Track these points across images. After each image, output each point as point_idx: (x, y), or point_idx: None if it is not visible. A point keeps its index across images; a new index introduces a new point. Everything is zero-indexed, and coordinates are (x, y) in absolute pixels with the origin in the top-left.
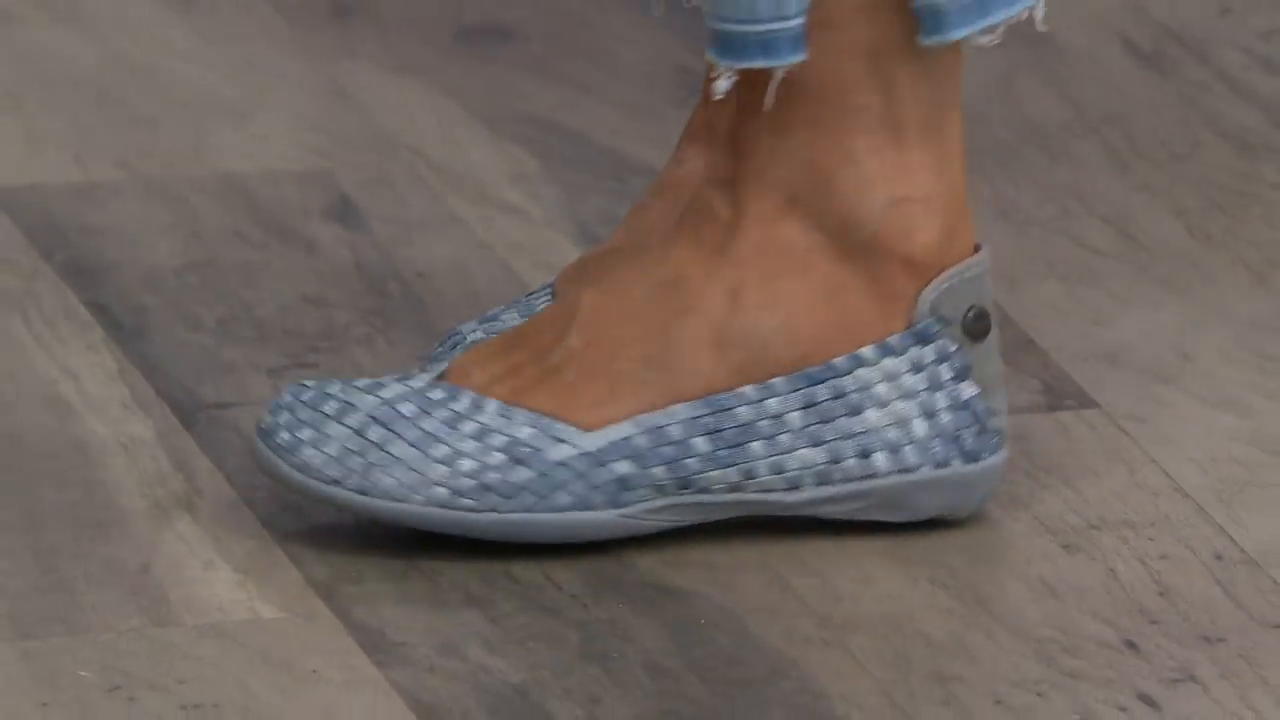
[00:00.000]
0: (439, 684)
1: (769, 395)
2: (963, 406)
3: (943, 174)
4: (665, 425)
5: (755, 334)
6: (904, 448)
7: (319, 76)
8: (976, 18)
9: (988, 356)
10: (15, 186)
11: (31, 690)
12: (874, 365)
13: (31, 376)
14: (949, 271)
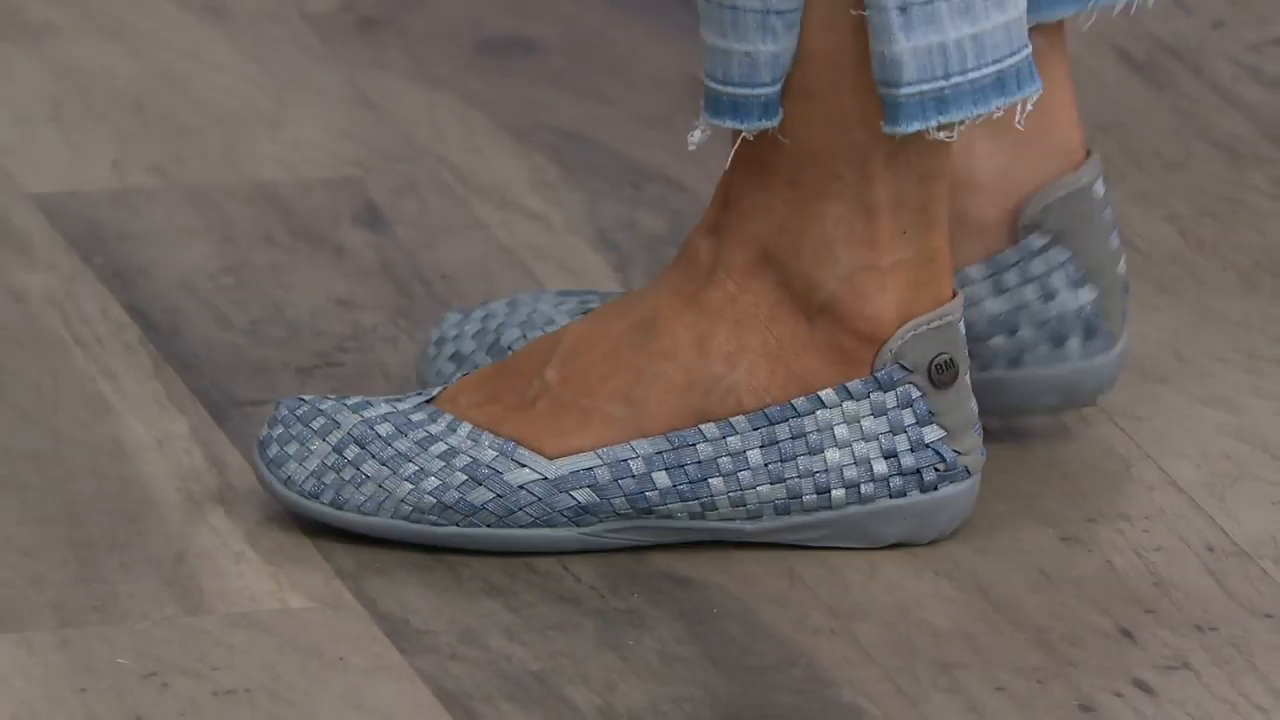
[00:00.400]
0: (461, 671)
1: (730, 433)
2: (925, 448)
3: (913, 243)
4: (627, 459)
5: (720, 381)
6: (864, 484)
7: (347, 87)
8: (933, 114)
9: (957, 401)
10: (56, 193)
11: (70, 676)
12: (833, 408)
13: (71, 375)
14: (914, 321)
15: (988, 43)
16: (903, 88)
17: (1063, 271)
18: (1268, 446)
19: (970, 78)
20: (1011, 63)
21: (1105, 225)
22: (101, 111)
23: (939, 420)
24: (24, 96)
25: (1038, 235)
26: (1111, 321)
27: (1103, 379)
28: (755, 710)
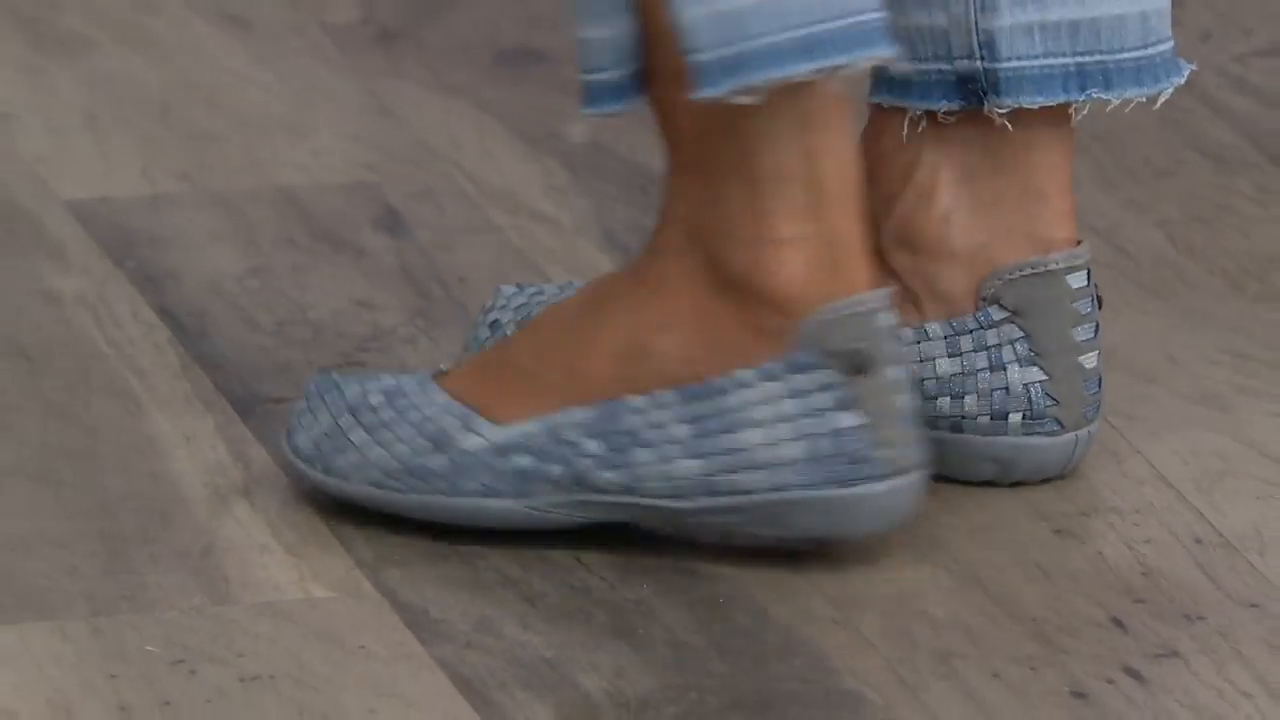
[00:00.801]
0: (477, 658)
1: (655, 406)
2: (839, 435)
3: (813, 219)
4: (562, 425)
5: (649, 351)
6: (778, 467)
7: (367, 96)
8: (731, 78)
9: (882, 390)
10: (88, 199)
11: (101, 664)
12: (753, 388)
13: (103, 374)
14: (830, 305)
15: (785, 8)
16: (699, 54)
17: (1012, 348)
18: (1254, 444)
19: (767, 42)
20: (824, 29)
21: (1071, 314)
22: (131, 121)
23: (857, 409)
24: (58, 107)
25: (997, 309)
26: (1065, 409)
27: (1042, 461)
28: (759, 697)
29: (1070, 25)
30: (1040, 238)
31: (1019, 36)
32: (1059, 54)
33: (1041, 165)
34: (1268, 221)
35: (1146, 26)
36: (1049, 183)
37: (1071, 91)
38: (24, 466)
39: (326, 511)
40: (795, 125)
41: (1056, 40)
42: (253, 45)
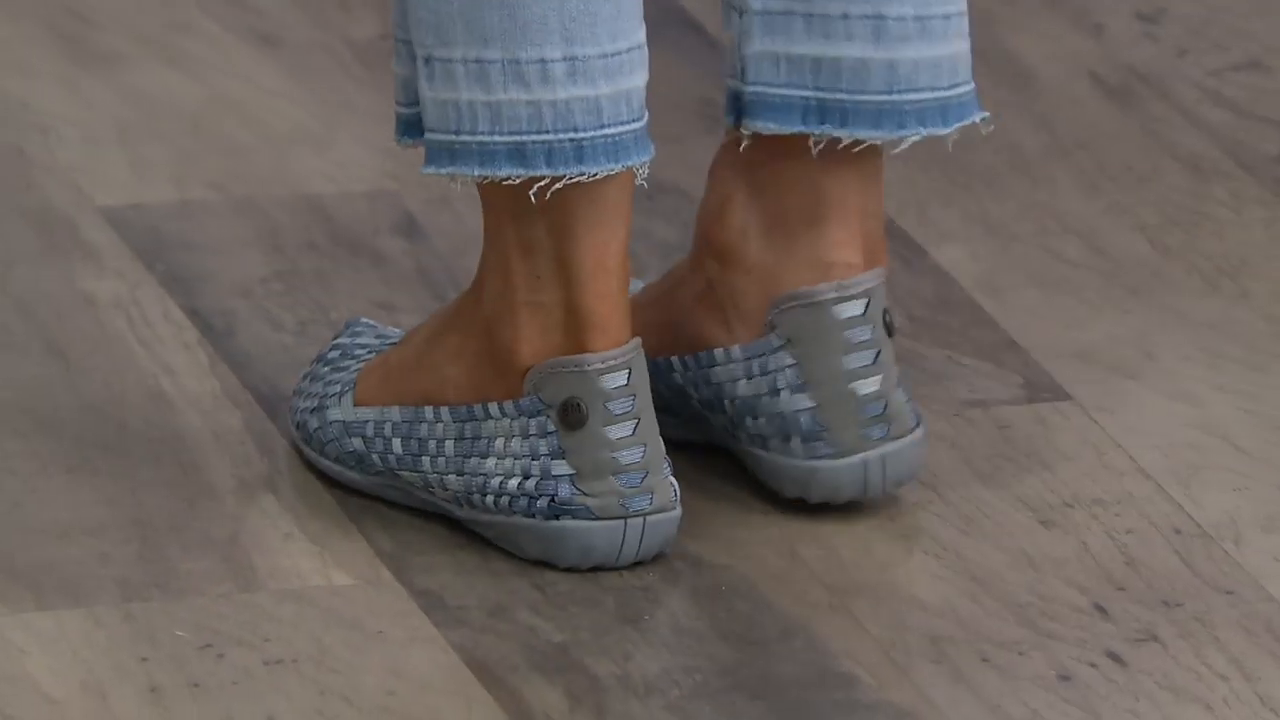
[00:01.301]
0: (491, 643)
1: (438, 420)
2: (549, 479)
3: (549, 290)
4: (384, 421)
5: (440, 372)
6: (504, 496)
7: (387, 108)
8: (446, 164)
9: (587, 445)
10: (122, 206)
11: (133, 647)
12: (497, 421)
13: (135, 372)
14: (551, 361)
15: (505, 113)
16: (427, 132)
17: (784, 375)
18: (1229, 437)
19: (479, 139)
20: (540, 140)
21: (841, 343)
22: (164, 132)
23: (567, 459)
24: (94, 119)
25: (775, 335)
26: (835, 434)
27: (835, 484)
28: (759, 679)
29: (814, 61)
30: (821, 262)
31: (765, 64)
32: (800, 86)
33: (818, 193)
34: (1241, 226)
35: (894, 74)
36: (831, 209)
37: (810, 123)
38: (60, 459)
39: (348, 502)
40: (543, 207)
41: (800, 73)
42: (280, 61)
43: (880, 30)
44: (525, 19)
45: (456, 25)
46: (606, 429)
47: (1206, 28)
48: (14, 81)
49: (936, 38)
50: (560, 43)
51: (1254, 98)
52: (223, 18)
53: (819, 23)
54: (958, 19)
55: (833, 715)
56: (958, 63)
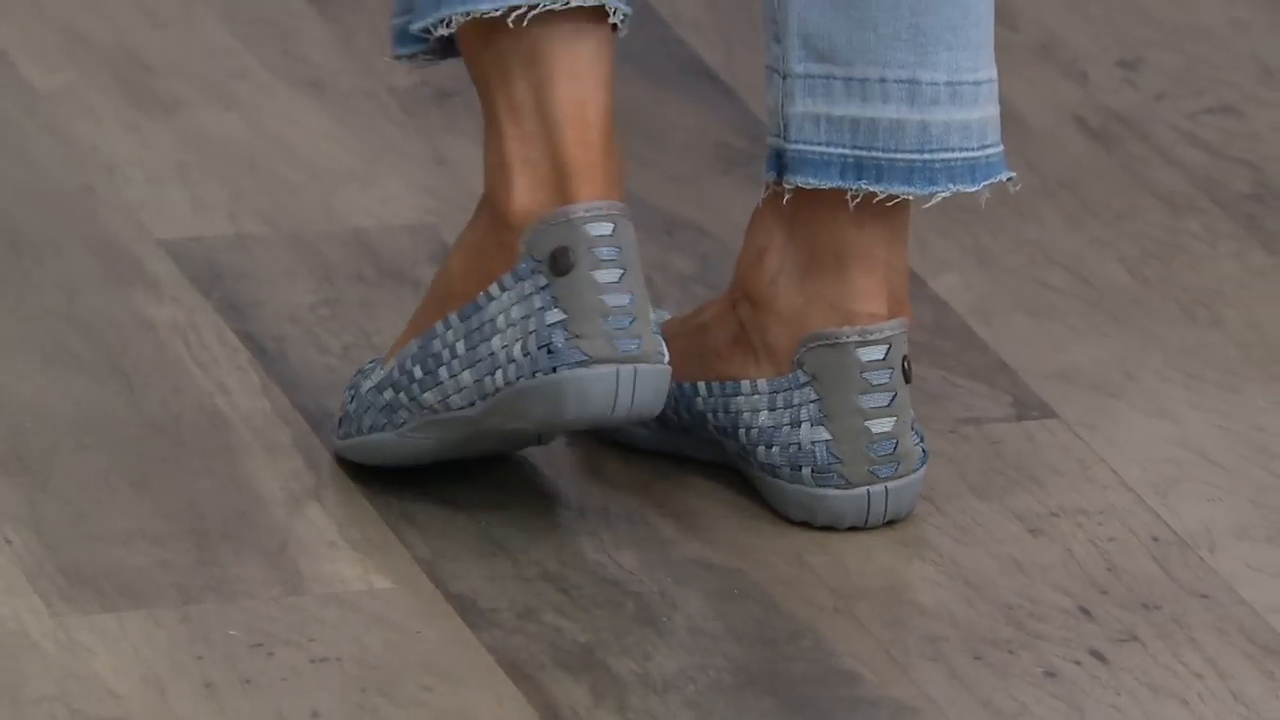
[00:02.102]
0: (520, 642)
1: (448, 329)
2: (541, 330)
3: (536, 144)
4: (404, 358)
5: (447, 275)
6: (509, 364)
7: (426, 149)
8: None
9: (576, 289)
10: (181, 239)
11: (190, 646)
12: (497, 300)
13: (192, 392)
14: (540, 216)
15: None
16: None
17: (806, 408)
18: (1204, 452)
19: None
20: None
21: (859, 383)
22: (220, 171)
23: (558, 305)
24: (155, 158)
25: (801, 372)
26: (848, 467)
27: (838, 511)
28: (769, 676)
29: (852, 121)
30: (845, 309)
31: (807, 123)
32: (839, 144)
33: (849, 245)
34: (1214, 259)
35: (926, 135)
36: (856, 261)
37: (847, 179)
38: (124, 473)
39: (388, 513)
40: (523, 63)
41: (839, 132)
42: (328, 106)
43: (915, 94)
44: None
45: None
46: (594, 273)
47: (1182, 75)
48: (83, 126)
49: (967, 102)
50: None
51: (1226, 140)
52: (274, 65)
53: (857, 86)
54: (988, 85)
55: (838, 710)
56: (987, 125)
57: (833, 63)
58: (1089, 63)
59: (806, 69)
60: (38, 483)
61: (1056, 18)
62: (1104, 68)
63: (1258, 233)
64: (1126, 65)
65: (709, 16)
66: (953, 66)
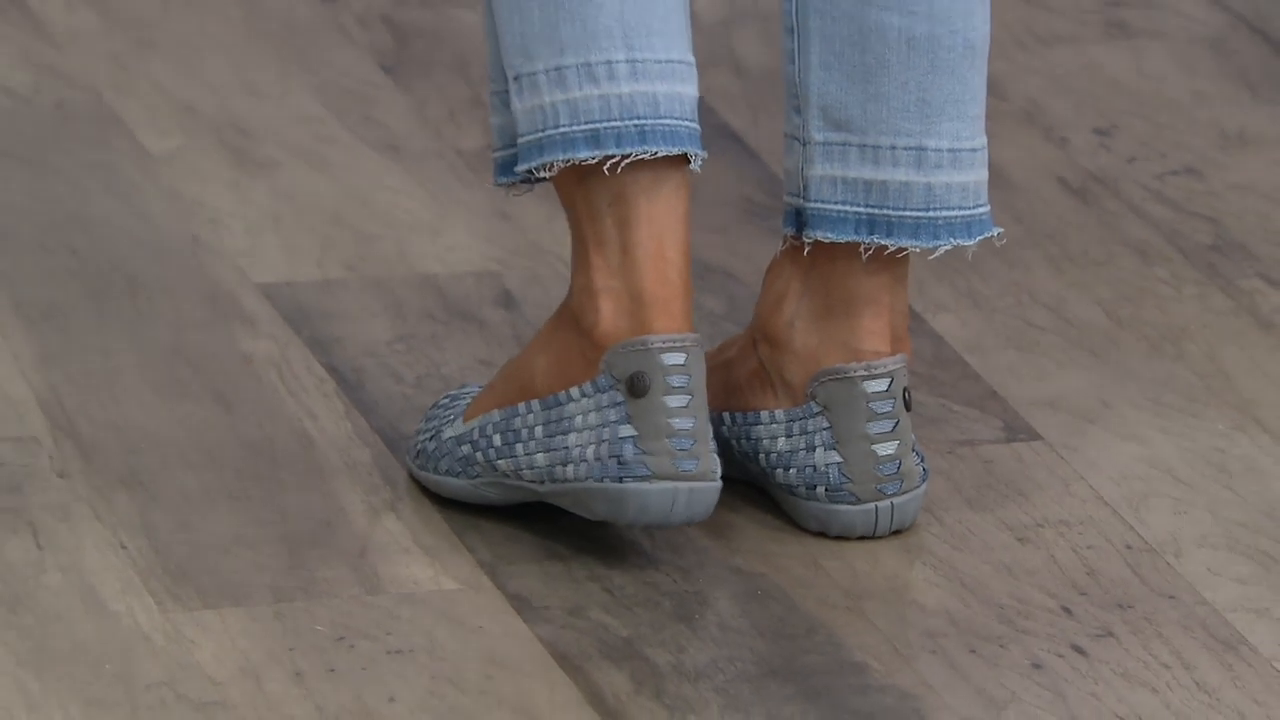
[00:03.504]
0: (570, 636)
1: (529, 411)
2: (614, 443)
3: (619, 276)
4: (485, 424)
5: (530, 369)
6: (581, 464)
7: (489, 204)
8: (536, 157)
9: (649, 411)
10: (275, 283)
11: (281, 639)
12: (577, 402)
13: (284, 417)
14: (620, 343)
15: (581, 107)
16: (519, 140)
17: (820, 435)
18: (1170, 470)
19: (561, 131)
20: (610, 126)
21: (866, 412)
22: (309, 223)
23: (632, 422)
24: (253, 212)
25: (814, 403)
26: (858, 485)
27: (848, 524)
28: (788, 666)
29: (865, 183)
30: (853, 348)
31: (825, 185)
32: (854, 203)
33: (858, 291)
34: (1179, 301)
35: (931, 195)
36: (864, 305)
37: (861, 234)
38: (224, 488)
39: (455, 523)
40: (613, 200)
41: (853, 192)
42: (403, 166)
43: (921, 159)
44: (594, 30)
45: (539, 43)
46: (665, 398)
47: (1151, 140)
48: (191, 184)
49: (965, 166)
50: (623, 48)
51: (1189, 197)
52: (357, 131)
53: (870, 152)
54: (981, 152)
55: (849, 697)
56: (980, 187)
57: (849, 131)
58: (1069, 129)
59: (825, 137)
60: (149, 496)
61: (1041, 90)
62: (1082, 134)
63: (1217, 279)
64: (1101, 132)
65: (737, 88)
66: (954, 135)
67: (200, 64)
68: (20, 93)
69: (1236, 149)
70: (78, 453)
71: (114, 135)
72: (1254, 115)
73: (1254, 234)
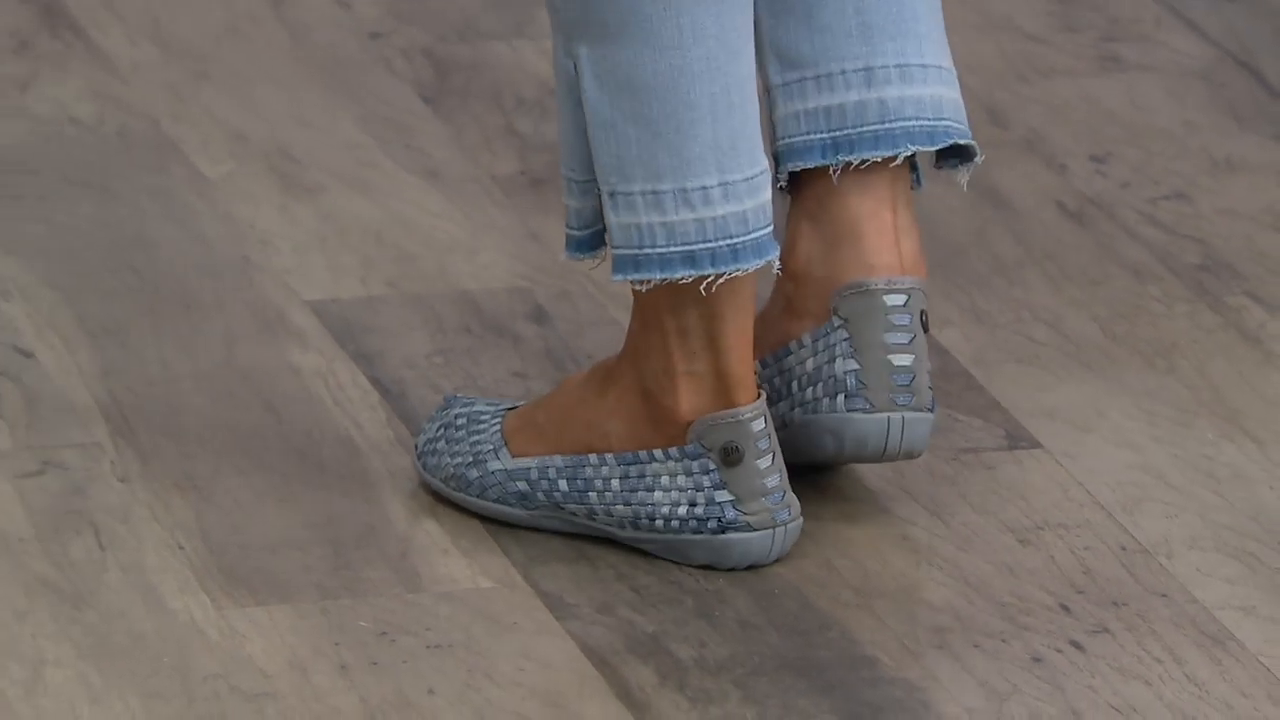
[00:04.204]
0: (599, 632)
1: (603, 464)
2: (714, 505)
3: (703, 361)
4: (547, 467)
5: (602, 427)
6: (674, 520)
7: (521, 226)
8: (630, 271)
9: (744, 477)
10: (322, 300)
11: (328, 634)
12: (661, 464)
13: (331, 425)
14: (711, 415)
15: (678, 230)
16: (614, 249)
17: (840, 345)
18: (1162, 476)
19: (659, 251)
20: (705, 247)
21: (884, 323)
22: (353, 244)
23: (728, 488)
24: (301, 233)
25: (836, 317)
26: (872, 392)
27: (863, 434)
28: (803, 661)
29: (824, 110)
30: (866, 263)
31: (790, 121)
32: (816, 130)
33: (858, 213)
34: (1171, 319)
35: (884, 109)
36: (866, 224)
37: (828, 157)
38: (272, 492)
39: (491, 525)
40: (696, 299)
41: (814, 121)
42: (442, 190)
43: (870, 78)
44: (689, 157)
45: (635, 165)
46: (757, 462)
47: (1144, 167)
48: (243, 207)
49: (916, 81)
50: (715, 172)
51: (1180, 220)
52: (398, 157)
53: (825, 80)
54: (935, 70)
55: (860, 688)
56: (941, 102)
57: (803, 67)
58: (1067, 156)
59: (784, 78)
60: (204, 499)
61: (1041, 120)
62: (1079, 160)
63: (1205, 297)
64: (1098, 159)
65: None
66: (899, 53)
67: (252, 94)
68: (86, 122)
69: (1224, 175)
70: (137, 458)
71: (171, 161)
72: (1240, 143)
73: (1241, 254)
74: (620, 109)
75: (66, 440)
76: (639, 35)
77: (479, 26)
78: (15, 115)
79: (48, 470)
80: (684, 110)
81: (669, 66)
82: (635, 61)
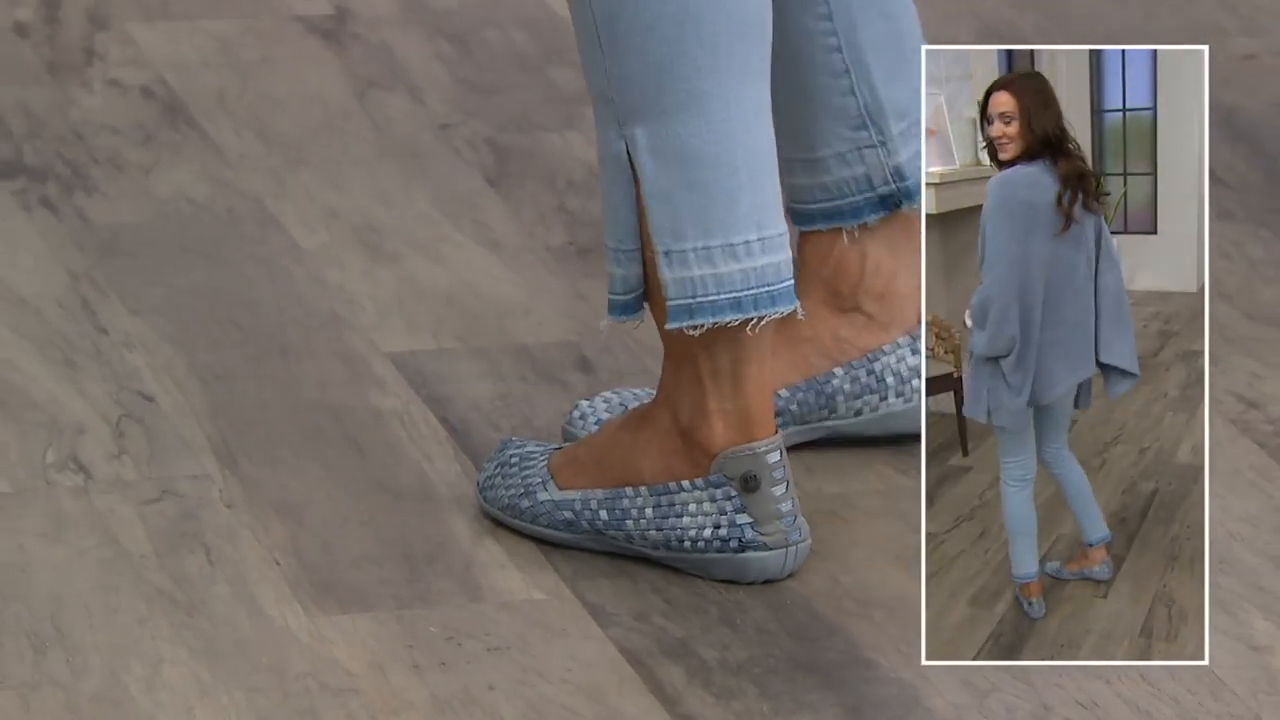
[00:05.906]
0: (635, 637)
1: (638, 495)
2: (735, 527)
3: (731, 399)
4: (589, 499)
5: (636, 464)
6: (700, 541)
7: (570, 288)
8: (685, 318)
9: (761, 502)
10: (400, 352)
11: (402, 638)
12: (690, 493)
13: (406, 460)
14: (733, 448)
15: (725, 280)
16: (669, 301)
17: None
18: None
19: (710, 299)
20: (749, 294)
21: None
22: (427, 304)
23: (748, 512)
24: (383, 295)
25: None
26: None
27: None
28: (812, 663)
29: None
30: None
31: (911, 163)
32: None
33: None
34: None
35: None
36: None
37: None
38: (356, 516)
39: (543, 545)
40: (728, 343)
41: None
42: (502, 258)
43: None
44: (736, 215)
45: (688, 227)
46: (772, 490)
47: None
48: (333, 272)
49: None
50: (755, 229)
51: None
52: (465, 230)
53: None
54: None
55: (861, 686)
56: None
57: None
58: None
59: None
60: (297, 522)
61: None
62: None
63: None
64: None
65: None
66: None
67: (341, 177)
68: (200, 201)
69: None
70: (241, 487)
71: (272, 234)
72: None
73: None
74: (674, 178)
75: (181, 471)
76: (695, 110)
77: (534, 119)
78: (140, 196)
79: (165, 497)
80: (729, 175)
81: (718, 135)
82: (689, 133)
